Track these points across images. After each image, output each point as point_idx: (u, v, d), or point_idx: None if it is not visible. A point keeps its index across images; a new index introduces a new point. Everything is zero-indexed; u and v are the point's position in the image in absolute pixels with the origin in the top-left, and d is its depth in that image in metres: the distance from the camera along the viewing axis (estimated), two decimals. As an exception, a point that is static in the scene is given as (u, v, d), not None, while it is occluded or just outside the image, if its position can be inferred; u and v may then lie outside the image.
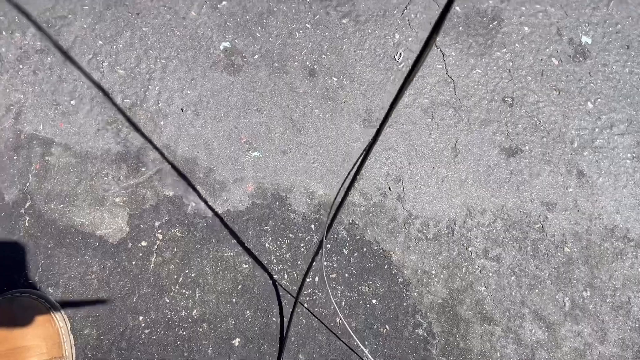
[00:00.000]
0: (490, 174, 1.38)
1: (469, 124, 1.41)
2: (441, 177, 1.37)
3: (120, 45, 1.35)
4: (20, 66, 1.31)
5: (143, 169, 1.31)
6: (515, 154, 1.40)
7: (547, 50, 1.46)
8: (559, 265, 1.34)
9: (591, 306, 1.32)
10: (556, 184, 1.39)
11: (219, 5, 1.41)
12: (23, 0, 1.34)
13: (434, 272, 1.31)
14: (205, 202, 1.30)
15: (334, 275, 1.29)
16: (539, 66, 1.45)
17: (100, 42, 1.35)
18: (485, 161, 1.39)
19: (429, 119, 1.40)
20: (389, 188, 1.36)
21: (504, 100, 1.43)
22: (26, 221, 1.24)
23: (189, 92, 1.36)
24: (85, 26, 1.34)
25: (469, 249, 1.33)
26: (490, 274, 1.32)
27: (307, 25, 1.43)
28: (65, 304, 1.21)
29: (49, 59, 1.32)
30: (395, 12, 1.46)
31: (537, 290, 1.32)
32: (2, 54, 1.30)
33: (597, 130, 1.43)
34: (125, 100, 1.33)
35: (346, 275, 1.29)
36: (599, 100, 1.45)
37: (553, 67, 1.46)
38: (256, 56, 1.41)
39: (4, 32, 1.32)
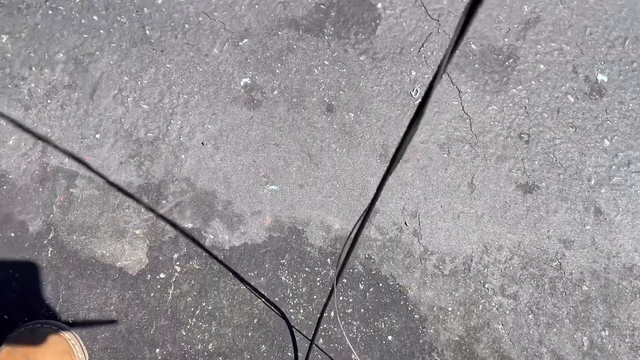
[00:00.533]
0: (506, 210, 1.38)
1: (485, 160, 1.42)
2: (457, 212, 1.38)
3: (145, 81, 1.40)
4: (49, 101, 1.36)
5: (163, 202, 1.33)
6: (532, 190, 1.40)
7: (563, 87, 1.48)
8: (577, 304, 1.33)
9: (610, 346, 1.30)
10: (573, 221, 1.38)
11: (240, 43, 1.45)
12: (52, 38, 1.39)
13: (450, 308, 1.30)
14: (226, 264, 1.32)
15: (349, 310, 1.29)
16: (555, 103, 1.46)
17: (126, 77, 1.39)
18: (501, 197, 1.39)
19: (445, 155, 1.42)
20: (405, 223, 1.36)
21: (520, 137, 1.44)
22: (49, 252, 1.27)
23: (209, 126, 1.39)
24: (111, 62, 1.39)
25: (486, 285, 1.32)
26: (508, 312, 1.31)
27: (325, 62, 1.47)
28: (76, 324, 1.23)
29: (76, 94, 1.37)
30: (411, 49, 1.49)
31: (555, 329, 1.30)
32: (31, 89, 1.35)
33: (614, 167, 1.43)
34: (148, 134, 1.37)
35: (362, 310, 1.29)
36: (615, 137, 1.45)
37: (569, 104, 1.47)
38: (275, 92, 1.44)
39: (33, 68, 1.37)
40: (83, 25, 1.40)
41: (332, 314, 1.29)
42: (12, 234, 1.26)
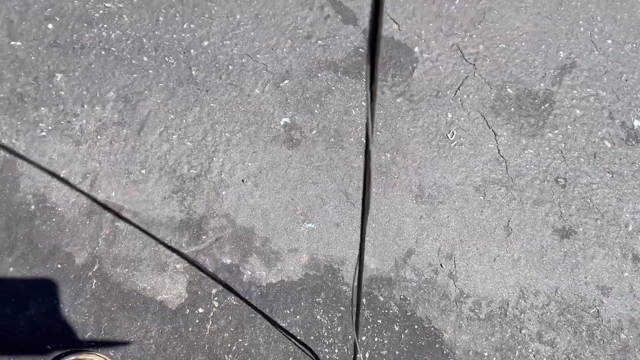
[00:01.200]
0: (543, 254, 1.38)
1: (521, 204, 1.42)
2: (493, 255, 1.38)
3: (190, 119, 1.45)
4: (98, 137, 1.42)
5: (204, 237, 1.37)
6: (569, 235, 1.40)
7: (600, 132, 1.49)
8: (615, 353, 1.31)
9: (652, 399, 1.27)
10: (611, 268, 1.37)
11: (281, 84, 1.51)
12: (104, 77, 1.46)
13: (486, 354, 1.29)
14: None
15: (384, 352, 1.29)
16: (592, 148, 1.47)
17: (172, 116, 1.45)
18: (538, 241, 1.39)
19: (481, 197, 1.43)
20: (441, 264, 1.37)
21: (556, 181, 1.44)
22: (93, 284, 1.31)
23: (250, 164, 1.43)
24: (159, 101, 1.45)
25: (523, 331, 1.31)
26: (545, 359, 1.29)
27: (363, 103, 1.51)
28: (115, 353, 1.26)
29: (124, 130, 1.43)
30: (448, 92, 1.52)
31: (593, 379, 1.28)
32: (82, 126, 1.42)
33: (652, 214, 1.42)
34: (191, 171, 1.41)
35: (397, 352, 1.29)
36: (653, 184, 1.45)
37: (606, 149, 1.47)
38: (314, 131, 1.48)
39: (85, 106, 1.44)
40: (133, 65, 1.47)
41: (367, 354, 1.29)
42: (59, 265, 1.31)
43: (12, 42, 1.46)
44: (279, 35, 1.55)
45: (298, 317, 1.32)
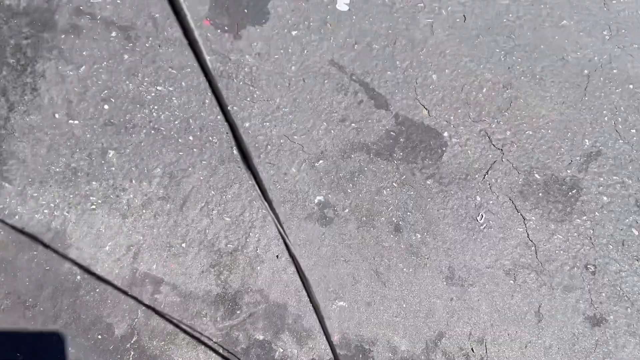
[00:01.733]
0: (575, 342, 1.38)
1: (551, 289, 1.44)
2: (525, 342, 1.38)
3: (229, 196, 1.53)
4: (144, 211, 1.50)
5: (238, 312, 1.41)
6: (600, 323, 1.40)
7: (627, 220, 1.51)
8: None
9: None
10: (645, 359, 1.36)
11: (316, 164, 1.59)
12: (152, 154, 1.57)
13: None
14: (293, 350, 1.36)
15: None
16: (620, 235, 1.50)
17: (213, 192, 1.53)
18: (569, 329, 1.39)
19: (511, 281, 1.45)
20: (472, 349, 1.37)
21: (586, 267, 1.46)
22: (131, 356, 1.34)
23: (284, 241, 1.49)
24: (201, 178, 1.54)
25: (556, 423, 1.29)
26: None
27: (394, 184, 1.57)
28: None
29: (168, 205, 1.51)
30: (476, 176, 1.58)
31: None
32: (129, 200, 1.51)
33: (685, 304, 1.42)
34: (229, 245, 1.48)
35: None
36: (685, 273, 1.45)
37: (634, 237, 1.50)
38: (346, 210, 1.54)
39: (133, 181, 1.53)
40: (180, 144, 1.58)
41: None
42: (99, 336, 1.35)
43: (70, 121, 1.58)
44: (315, 118, 1.64)
45: (328, 397, 1.32)
